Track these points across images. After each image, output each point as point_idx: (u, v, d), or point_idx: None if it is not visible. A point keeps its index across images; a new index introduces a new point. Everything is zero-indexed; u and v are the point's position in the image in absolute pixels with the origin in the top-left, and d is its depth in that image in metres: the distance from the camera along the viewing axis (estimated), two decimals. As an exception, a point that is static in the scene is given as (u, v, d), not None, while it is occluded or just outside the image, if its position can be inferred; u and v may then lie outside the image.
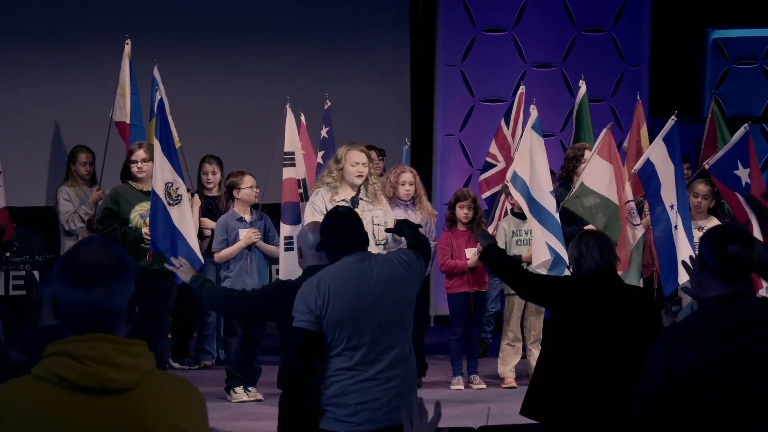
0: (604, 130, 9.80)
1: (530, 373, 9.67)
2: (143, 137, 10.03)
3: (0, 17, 12.03)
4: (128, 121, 10.16)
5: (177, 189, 9.00)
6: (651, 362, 3.96)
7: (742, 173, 9.88)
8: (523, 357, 10.10)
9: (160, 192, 8.90)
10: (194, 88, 12.12)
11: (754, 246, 4.64)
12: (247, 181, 9.53)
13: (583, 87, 11.05)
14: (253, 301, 5.97)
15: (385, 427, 5.25)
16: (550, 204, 9.34)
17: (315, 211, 8.59)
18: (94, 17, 12.29)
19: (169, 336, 10.12)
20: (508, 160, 10.42)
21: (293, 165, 9.33)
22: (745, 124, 10.15)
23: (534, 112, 9.76)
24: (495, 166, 10.68)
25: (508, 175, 9.61)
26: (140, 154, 9.24)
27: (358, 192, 8.80)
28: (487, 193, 10.56)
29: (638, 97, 11.14)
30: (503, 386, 9.86)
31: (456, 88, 13.39)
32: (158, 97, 9.29)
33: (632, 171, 9.87)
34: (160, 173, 8.94)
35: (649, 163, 9.62)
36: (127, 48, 10.21)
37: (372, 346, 5.26)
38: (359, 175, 8.72)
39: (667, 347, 3.92)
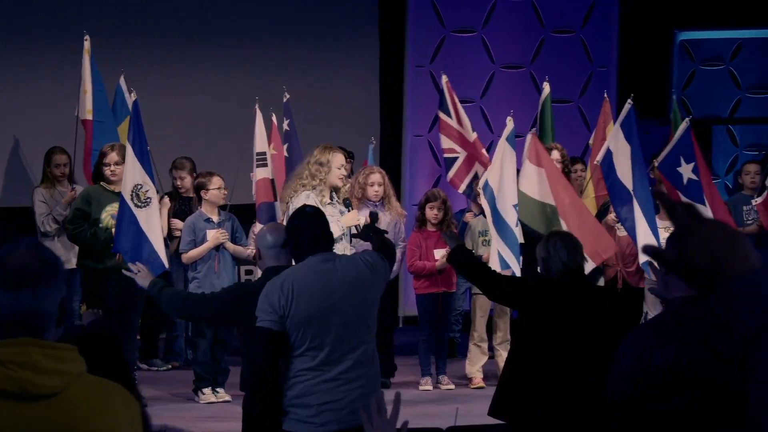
0: (529, 136, 9.86)
1: (498, 373, 9.71)
2: (111, 134, 9.97)
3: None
4: (91, 118, 10.08)
5: (146, 191, 8.97)
6: (618, 364, 3.97)
7: (685, 169, 9.94)
8: (491, 357, 10.12)
9: (127, 194, 8.86)
10: (163, 89, 12.09)
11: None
12: (215, 182, 9.51)
13: (546, 88, 11.05)
14: (213, 304, 5.93)
15: (349, 427, 5.23)
16: (511, 217, 9.40)
17: None
18: (66, 16, 12.25)
19: (138, 337, 10.08)
20: (466, 146, 10.35)
21: (265, 165, 9.33)
22: (686, 119, 10.19)
23: (510, 124, 9.79)
24: (457, 158, 10.55)
25: (480, 182, 9.66)
26: (113, 157, 9.20)
27: (336, 193, 8.71)
28: (462, 186, 10.50)
29: (605, 96, 11.18)
30: (471, 386, 9.88)
31: (425, 89, 13.40)
32: (133, 98, 9.24)
33: (594, 162, 9.94)
34: (130, 175, 8.90)
35: (608, 152, 9.70)
36: (87, 44, 10.12)
37: (335, 347, 5.26)
38: (341, 178, 8.68)
39: (634, 348, 3.93)
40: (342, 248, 8.30)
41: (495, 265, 9.14)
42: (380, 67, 13.52)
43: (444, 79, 10.51)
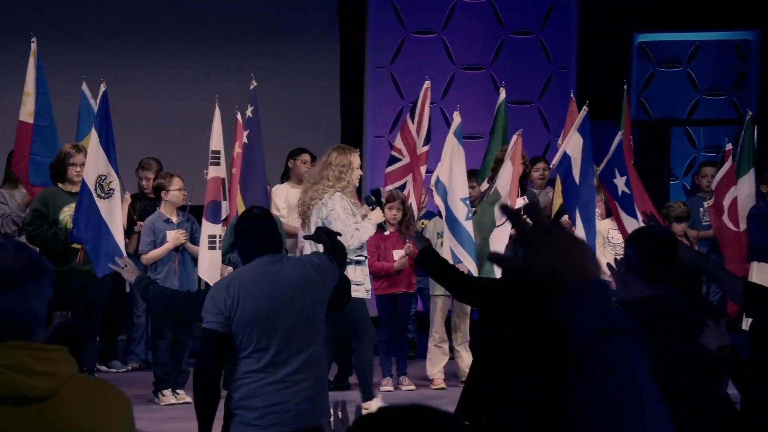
0: (515, 137, 9.90)
1: (459, 374, 9.75)
2: (51, 139, 9.82)
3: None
4: (31, 121, 9.91)
5: (110, 183, 8.97)
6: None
7: (619, 181, 9.99)
8: (451, 358, 10.14)
9: (91, 183, 8.84)
10: (126, 90, 12.03)
11: (678, 248, 4.71)
12: (176, 183, 9.49)
13: (502, 93, 11.04)
14: (198, 302, 5.93)
15: (294, 430, 5.20)
16: (460, 212, 9.44)
17: (350, 215, 8.72)
18: (24, 18, 12.18)
19: (96, 338, 10.03)
20: (413, 155, 10.37)
21: (218, 164, 9.30)
22: (620, 132, 10.24)
23: (457, 119, 9.82)
24: (399, 160, 10.56)
25: (432, 179, 9.70)
26: (80, 158, 9.15)
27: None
28: (390, 187, 10.52)
29: (572, 95, 11.21)
30: (432, 387, 9.89)
31: (385, 90, 13.42)
32: (103, 89, 9.18)
33: (551, 166, 9.99)
34: (93, 165, 8.88)
35: (565, 156, 9.74)
36: (33, 46, 10.02)
37: (282, 349, 5.23)
38: (358, 178, 8.91)
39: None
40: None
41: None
42: (341, 68, 13.53)
43: (425, 84, 10.51)
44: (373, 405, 8.54)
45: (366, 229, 8.76)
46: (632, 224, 9.37)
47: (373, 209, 8.89)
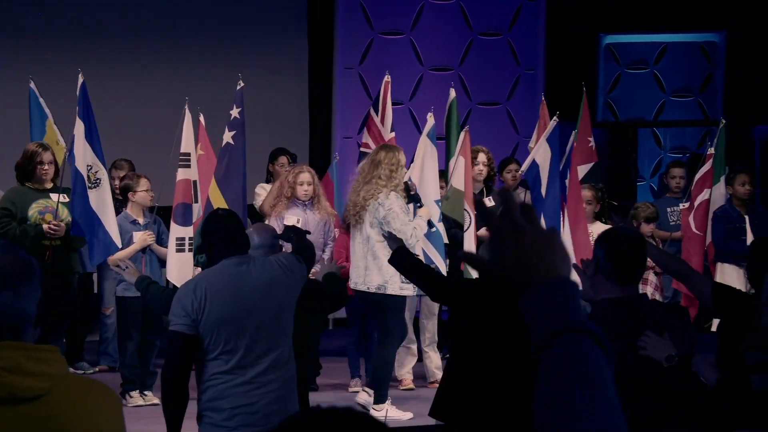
0: (463, 133, 9.94)
1: (427, 374, 9.75)
2: None
3: None
4: None
5: (96, 172, 9.02)
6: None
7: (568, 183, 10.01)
8: (420, 359, 10.13)
9: (83, 172, 8.89)
10: (96, 91, 11.96)
11: (647, 247, 4.73)
12: (143, 184, 9.46)
13: (452, 93, 11.01)
14: None
15: (263, 431, 5.22)
16: (434, 214, 9.45)
17: (407, 212, 8.90)
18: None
19: (63, 340, 9.98)
20: (379, 144, 10.41)
21: (188, 166, 9.28)
22: (574, 132, 10.26)
23: (430, 120, 9.83)
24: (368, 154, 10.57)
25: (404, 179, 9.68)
26: (48, 156, 9.11)
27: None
28: None
29: (543, 98, 11.23)
30: (401, 388, 9.89)
31: (354, 91, 13.42)
32: (81, 79, 9.16)
33: (519, 173, 10.00)
34: (82, 155, 8.93)
35: (534, 164, 9.77)
36: None
37: (249, 350, 5.23)
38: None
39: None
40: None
41: None
42: (309, 69, 13.52)
43: (385, 78, 10.54)
44: (385, 408, 8.54)
45: (421, 227, 8.86)
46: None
47: (419, 207, 9.05)
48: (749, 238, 10.15)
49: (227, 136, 9.53)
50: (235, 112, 9.61)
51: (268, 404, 5.24)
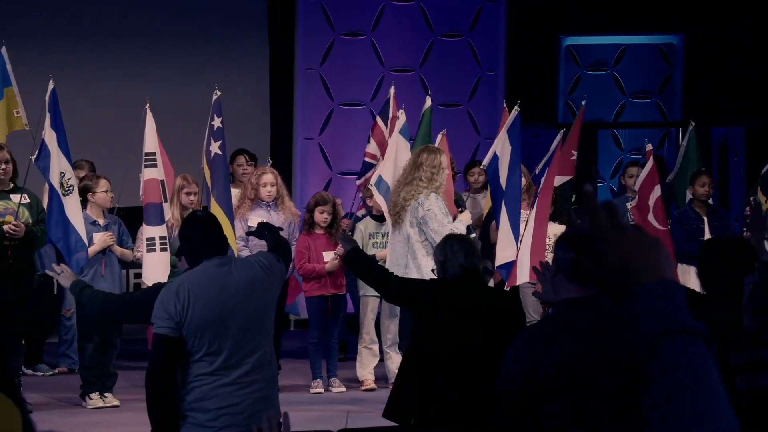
0: (440, 136, 9.97)
1: (388, 375, 9.76)
2: None
3: None
4: None
5: (69, 179, 9.02)
6: (509, 363, 4.03)
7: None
8: (381, 360, 10.15)
9: (56, 183, 8.89)
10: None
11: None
12: (102, 184, 9.41)
13: (428, 101, 11.05)
14: (131, 305, 5.91)
15: (247, 431, 5.22)
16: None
17: (446, 214, 9.00)
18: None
19: (22, 342, 9.90)
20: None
21: (155, 165, 9.25)
22: (562, 130, 10.31)
23: (402, 117, 9.85)
24: (375, 165, 10.60)
25: (373, 178, 9.68)
26: (4, 155, 9.04)
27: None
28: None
29: (504, 105, 11.23)
30: (362, 389, 9.90)
31: (315, 92, 13.41)
32: (51, 86, 9.13)
33: (482, 166, 10.03)
34: (57, 162, 8.92)
35: (495, 157, 9.80)
36: None
37: (233, 351, 5.24)
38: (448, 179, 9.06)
39: (525, 349, 3.99)
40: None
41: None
42: (270, 70, 13.50)
43: (392, 89, 10.62)
44: None
45: (459, 229, 8.87)
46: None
47: (461, 211, 9.16)
48: (707, 238, 10.23)
49: (214, 147, 9.53)
50: (217, 122, 9.59)
51: (253, 404, 5.25)
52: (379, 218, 9.88)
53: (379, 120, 10.73)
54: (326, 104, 13.48)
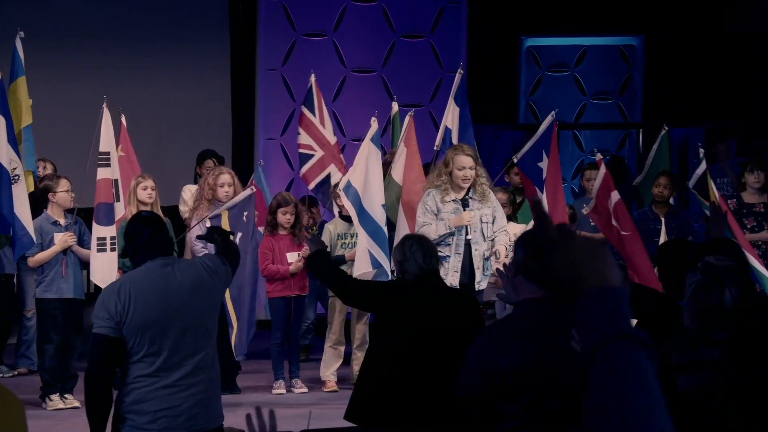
0: (407, 118, 10.00)
1: (352, 377, 9.76)
2: None
3: None
4: None
5: (14, 169, 8.98)
6: (469, 364, 4.05)
7: (544, 164, 10.04)
8: (345, 361, 10.14)
9: (7, 166, 8.87)
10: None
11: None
12: (63, 184, 9.37)
13: (395, 107, 11.03)
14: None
15: None
16: (380, 217, 9.44)
17: (426, 211, 8.98)
18: None
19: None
20: (325, 147, 10.43)
21: (108, 165, 9.21)
22: (552, 112, 10.28)
23: (374, 125, 9.84)
24: (312, 156, 10.59)
25: (342, 183, 9.67)
26: None
27: (467, 192, 9.02)
28: (312, 184, 10.55)
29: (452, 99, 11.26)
30: (325, 390, 9.90)
31: (277, 93, 13.40)
32: None
33: (435, 147, 10.04)
34: (5, 152, 8.91)
35: (447, 131, 9.82)
36: None
37: (173, 352, 5.21)
38: (465, 179, 8.98)
39: (484, 349, 4.01)
40: (449, 250, 8.94)
41: (365, 265, 9.20)
42: (231, 71, 13.49)
43: (312, 77, 10.58)
44: None
45: (430, 228, 8.88)
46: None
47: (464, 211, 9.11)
48: (662, 239, 10.30)
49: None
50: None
51: (192, 407, 5.21)
52: (349, 219, 9.87)
53: (305, 110, 10.67)
54: (288, 104, 13.48)
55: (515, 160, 10.13)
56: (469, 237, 9.00)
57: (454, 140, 9.83)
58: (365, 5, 13.70)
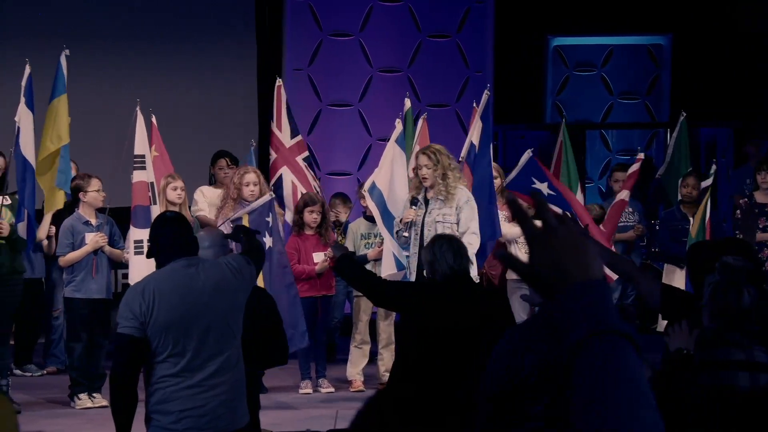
0: (420, 121, 10.02)
1: (379, 376, 9.78)
2: None
3: None
4: None
5: None
6: (493, 364, 4.04)
7: (541, 186, 10.04)
8: (373, 361, 10.15)
9: (32, 160, 9.05)
10: (45, 91, 11.94)
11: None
12: (94, 184, 9.40)
13: (407, 102, 11.02)
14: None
15: None
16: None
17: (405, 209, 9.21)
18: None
19: (12, 342, 9.91)
20: (280, 150, 10.38)
21: (143, 168, 9.24)
22: (528, 150, 10.28)
23: (399, 126, 9.86)
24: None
25: (367, 184, 9.69)
26: None
27: (426, 192, 9.05)
28: (273, 179, 10.58)
29: (474, 105, 11.25)
30: (351, 390, 9.91)
31: (303, 93, 13.41)
32: (27, 70, 9.23)
33: (460, 158, 10.06)
34: (32, 143, 9.09)
35: (472, 146, 9.84)
36: None
37: (198, 353, 5.22)
38: (423, 178, 9.04)
39: (508, 347, 4.01)
40: (391, 244, 9.19)
41: (389, 266, 9.21)
42: (258, 71, 13.50)
43: (277, 83, 10.58)
44: None
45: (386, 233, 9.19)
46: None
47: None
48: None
49: (268, 241, 9.65)
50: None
51: (216, 407, 5.23)
52: (373, 219, 9.87)
53: (272, 123, 10.63)
54: (314, 104, 13.49)
55: (504, 185, 10.09)
56: (425, 237, 8.89)
57: (476, 154, 9.85)
58: (391, 5, 13.70)
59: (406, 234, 9.13)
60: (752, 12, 13.97)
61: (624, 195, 10.47)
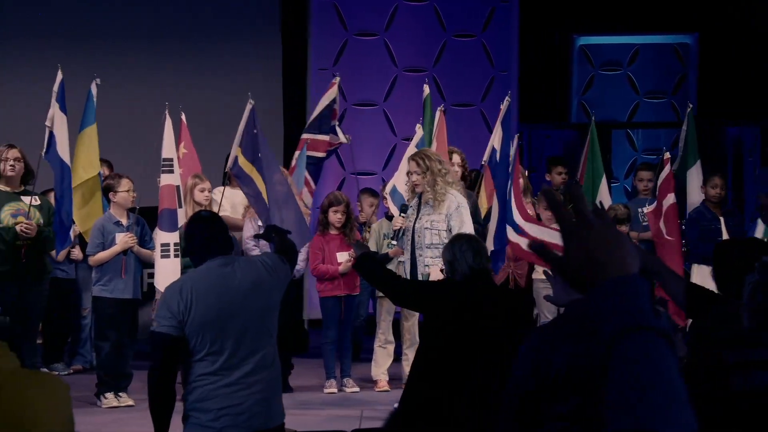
0: (438, 112, 10.03)
1: (403, 376, 9.77)
2: None
3: None
4: None
5: None
6: (520, 363, 4.03)
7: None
8: (396, 360, 10.16)
9: (69, 162, 9.16)
10: (75, 93, 12.00)
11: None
12: (124, 184, 9.42)
13: (426, 89, 10.98)
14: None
15: None
16: None
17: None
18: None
19: (39, 341, 9.96)
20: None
21: (171, 171, 9.24)
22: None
23: (419, 131, 9.88)
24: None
25: (388, 187, 9.71)
26: (15, 153, 9.13)
27: (420, 197, 9.00)
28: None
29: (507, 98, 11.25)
30: (376, 389, 9.91)
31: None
32: (60, 76, 9.30)
33: (482, 162, 10.06)
34: (66, 146, 9.17)
35: (494, 151, 9.86)
36: None
37: (235, 351, 5.25)
38: (415, 183, 9.01)
39: (535, 349, 4.00)
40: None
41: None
42: (283, 71, 13.52)
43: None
44: None
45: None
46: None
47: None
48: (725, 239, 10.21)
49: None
50: (255, 131, 9.46)
51: (253, 405, 5.26)
52: (394, 219, 9.88)
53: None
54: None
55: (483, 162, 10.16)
56: (415, 243, 8.92)
57: (498, 159, 9.88)
58: (417, 5, 13.69)
59: (395, 242, 9.12)
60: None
61: (671, 199, 10.43)
